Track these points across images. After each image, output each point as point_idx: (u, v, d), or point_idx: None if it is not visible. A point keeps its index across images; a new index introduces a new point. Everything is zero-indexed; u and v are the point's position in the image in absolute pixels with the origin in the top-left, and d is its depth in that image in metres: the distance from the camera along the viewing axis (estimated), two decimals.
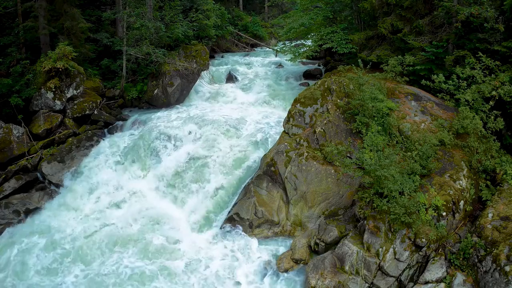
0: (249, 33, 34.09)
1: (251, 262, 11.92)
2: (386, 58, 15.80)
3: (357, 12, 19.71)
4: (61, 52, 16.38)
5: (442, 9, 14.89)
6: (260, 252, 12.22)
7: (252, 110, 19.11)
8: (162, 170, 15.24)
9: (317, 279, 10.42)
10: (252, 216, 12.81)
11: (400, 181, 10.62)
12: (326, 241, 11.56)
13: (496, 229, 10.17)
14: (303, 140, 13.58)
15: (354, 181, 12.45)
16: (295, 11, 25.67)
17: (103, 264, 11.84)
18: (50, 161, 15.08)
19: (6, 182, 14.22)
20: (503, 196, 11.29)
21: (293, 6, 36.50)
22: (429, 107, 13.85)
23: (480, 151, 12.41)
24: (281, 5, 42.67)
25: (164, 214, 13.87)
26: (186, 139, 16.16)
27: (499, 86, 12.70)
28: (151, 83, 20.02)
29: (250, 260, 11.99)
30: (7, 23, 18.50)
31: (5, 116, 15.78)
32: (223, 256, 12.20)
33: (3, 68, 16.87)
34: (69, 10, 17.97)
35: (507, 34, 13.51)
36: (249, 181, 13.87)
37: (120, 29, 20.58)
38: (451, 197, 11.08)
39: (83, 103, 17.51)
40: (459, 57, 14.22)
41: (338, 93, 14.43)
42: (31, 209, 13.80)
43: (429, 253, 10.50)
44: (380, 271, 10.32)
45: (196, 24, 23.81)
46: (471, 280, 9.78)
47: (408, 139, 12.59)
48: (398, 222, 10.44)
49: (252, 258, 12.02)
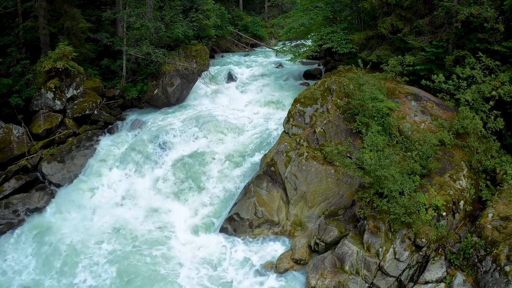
0: (249, 33, 34.08)
1: (251, 262, 11.92)
2: (386, 58, 15.79)
3: (357, 12, 19.71)
4: (61, 52, 16.37)
5: (442, 9, 14.89)
6: (260, 252, 12.22)
7: (252, 110, 19.10)
8: (162, 170, 15.24)
9: (317, 279, 10.42)
10: (252, 216, 12.81)
11: (400, 181, 10.62)
12: (326, 241, 11.56)
13: (496, 229, 10.17)
14: (303, 140, 13.58)
15: (354, 181, 12.45)
16: (295, 11, 25.66)
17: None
18: (50, 161, 15.08)
19: (6, 182, 14.21)
20: (503, 196, 11.29)
21: (293, 6, 36.49)
22: (429, 107, 13.85)
23: (480, 151, 12.41)
24: (281, 5, 42.65)
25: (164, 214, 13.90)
26: (186, 139, 16.16)
27: (499, 86, 12.69)
28: (151, 83, 20.02)
29: (250, 260, 12.00)
30: (7, 23, 18.48)
31: (5, 116, 15.77)
32: (222, 255, 12.21)
33: (3, 68, 16.86)
34: (69, 10, 17.95)
35: (507, 34, 13.51)
36: (249, 181, 13.87)
37: (120, 29, 20.57)
38: (451, 197, 11.08)
39: (83, 103, 17.51)
40: (459, 57, 14.21)
41: (338, 93, 14.43)
42: (31, 209, 13.80)
43: (429, 253, 10.50)
44: (380, 271, 10.32)
45: (196, 24, 23.81)
46: (471, 280, 9.78)
47: (408, 139, 12.59)
48: (398, 222, 10.44)
49: (252, 258, 12.02)
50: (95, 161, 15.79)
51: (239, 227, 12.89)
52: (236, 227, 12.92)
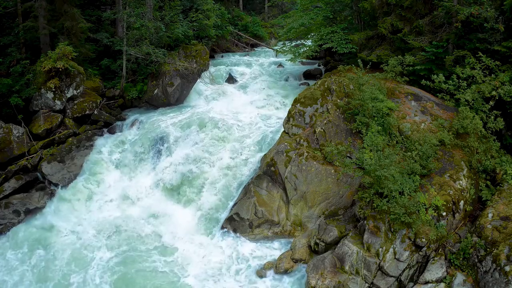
0: (249, 33, 34.08)
1: (251, 262, 11.92)
2: (386, 58, 15.79)
3: (357, 12, 19.72)
4: (61, 52, 16.37)
5: (442, 9, 14.89)
6: (260, 252, 12.22)
7: (252, 110, 19.09)
8: (161, 170, 15.23)
9: (317, 279, 10.42)
10: (252, 216, 12.81)
11: (400, 181, 10.63)
12: (326, 241, 11.56)
13: (496, 229, 10.16)
14: (303, 140, 13.58)
15: (354, 181, 12.45)
16: (295, 11, 25.64)
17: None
18: (50, 161, 15.08)
19: (6, 182, 14.23)
20: (503, 196, 11.29)
21: (293, 6, 36.49)
22: (429, 107, 13.85)
23: (480, 151, 12.41)
24: (281, 5, 42.64)
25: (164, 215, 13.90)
26: (185, 139, 16.14)
27: (499, 86, 12.69)
28: (151, 83, 20.01)
29: (250, 260, 12.00)
30: (7, 23, 18.48)
31: (5, 116, 15.78)
32: (222, 255, 12.21)
33: (3, 68, 16.87)
34: (69, 10, 17.94)
35: (507, 34, 13.51)
36: (249, 181, 13.87)
37: (120, 29, 20.56)
38: (451, 197, 11.07)
39: (83, 103, 17.51)
40: (459, 57, 14.21)
41: (338, 93, 14.43)
42: (31, 209, 13.80)
43: (429, 253, 10.50)
44: (380, 271, 10.31)
45: (196, 24, 23.80)
46: (471, 280, 9.78)
47: (408, 139, 12.58)
48: (398, 222, 10.44)
49: (252, 258, 12.02)
50: (95, 161, 15.78)
51: (239, 227, 12.90)
52: (236, 227, 12.92)
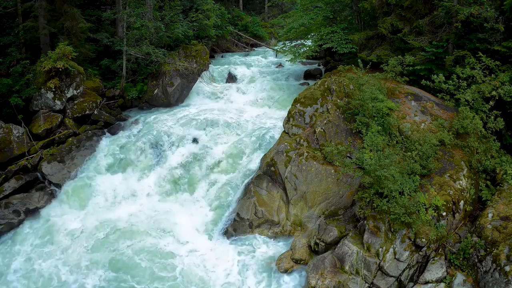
0: (249, 33, 34.09)
1: (251, 262, 11.91)
2: (386, 58, 15.79)
3: (357, 12, 19.72)
4: (61, 52, 16.37)
5: (442, 9, 14.89)
6: (260, 252, 12.22)
7: (252, 110, 19.11)
8: (161, 170, 15.24)
9: (317, 279, 10.42)
10: (252, 216, 12.81)
11: (400, 181, 10.63)
12: (326, 241, 11.56)
13: (496, 229, 10.16)
14: (303, 140, 13.58)
15: (354, 181, 12.45)
16: (295, 11, 25.66)
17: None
18: (50, 161, 15.08)
19: (6, 182, 14.22)
20: (503, 196, 11.29)
21: (293, 6, 36.50)
22: (429, 107, 13.85)
23: (480, 151, 12.41)
24: (281, 5, 42.65)
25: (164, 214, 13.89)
26: (185, 139, 16.14)
27: (499, 86, 12.69)
28: (151, 83, 20.03)
29: (250, 260, 11.99)
30: (7, 23, 18.48)
31: (5, 116, 15.77)
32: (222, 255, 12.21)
33: (3, 68, 16.87)
34: (69, 10, 17.95)
35: (507, 34, 13.51)
36: (249, 181, 13.87)
37: (120, 29, 20.57)
38: (451, 197, 11.07)
39: (83, 103, 17.51)
40: (459, 57, 14.21)
41: (338, 93, 14.43)
42: (31, 209, 13.80)
43: (429, 253, 10.50)
44: (380, 271, 10.31)
45: (196, 24, 23.82)
46: (471, 280, 9.78)
47: (408, 139, 12.58)
48: (398, 222, 10.44)
49: (252, 258, 12.02)
50: (95, 161, 15.78)
51: (239, 227, 12.90)
52: (236, 227, 12.92)
